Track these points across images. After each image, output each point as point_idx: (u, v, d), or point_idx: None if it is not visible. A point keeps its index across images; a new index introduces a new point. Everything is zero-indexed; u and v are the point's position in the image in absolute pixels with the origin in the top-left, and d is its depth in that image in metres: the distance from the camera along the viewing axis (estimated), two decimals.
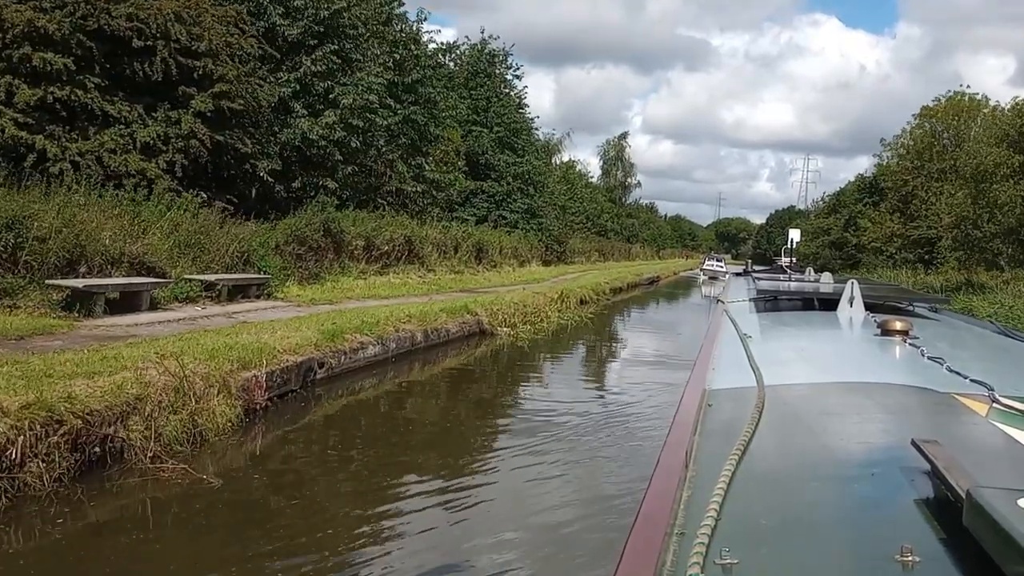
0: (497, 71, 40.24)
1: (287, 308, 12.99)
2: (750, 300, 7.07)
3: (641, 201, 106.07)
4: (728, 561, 1.45)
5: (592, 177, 78.32)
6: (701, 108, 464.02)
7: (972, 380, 3.06)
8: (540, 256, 39.25)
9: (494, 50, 40.18)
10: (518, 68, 41.59)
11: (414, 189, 24.21)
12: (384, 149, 23.33)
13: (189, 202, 15.37)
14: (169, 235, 13.29)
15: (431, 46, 37.38)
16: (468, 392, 11.28)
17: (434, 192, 26.05)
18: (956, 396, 2.88)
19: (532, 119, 43.66)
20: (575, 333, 18.47)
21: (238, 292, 13.36)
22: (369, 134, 21.93)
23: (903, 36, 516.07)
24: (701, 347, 4.49)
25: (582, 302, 24.69)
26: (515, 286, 24.23)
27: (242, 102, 19.68)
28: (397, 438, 8.21)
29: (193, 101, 18.55)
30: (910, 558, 1.44)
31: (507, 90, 40.61)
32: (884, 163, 55.50)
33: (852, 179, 67.78)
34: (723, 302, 6.95)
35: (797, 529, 1.73)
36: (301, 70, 21.15)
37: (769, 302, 6.87)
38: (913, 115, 49.80)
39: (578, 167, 70.56)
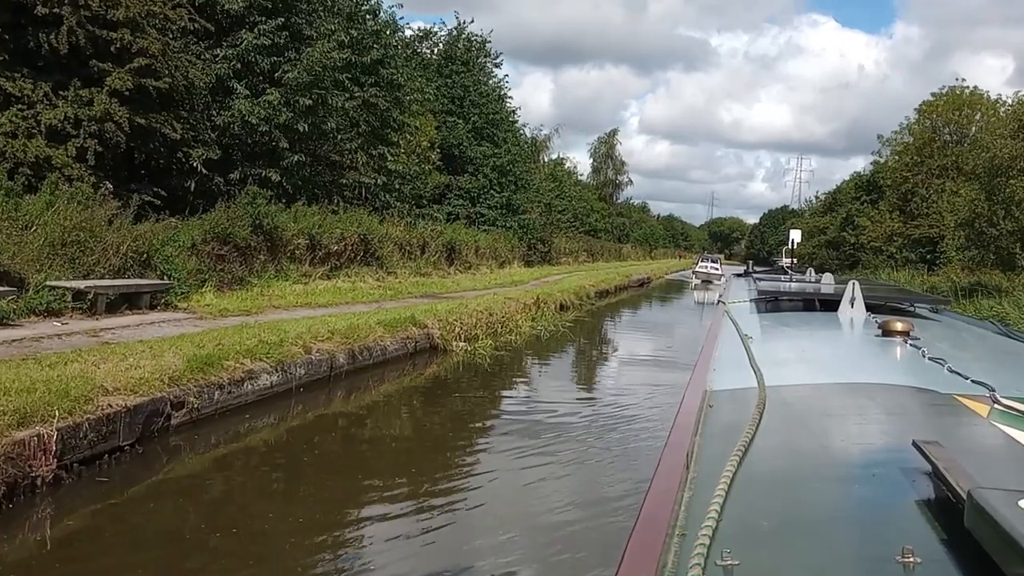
0: (476, 58, 37.71)
1: (183, 322, 10.47)
2: (751, 301, 6.92)
3: (633, 201, 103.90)
4: (729, 562, 1.43)
5: (582, 175, 75.87)
6: (699, 108, 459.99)
7: (973, 381, 3.02)
8: (522, 256, 36.71)
9: (472, 36, 37.68)
10: (497, 56, 39.03)
11: (374, 181, 21.59)
12: (340, 137, 20.78)
13: (84, 194, 12.83)
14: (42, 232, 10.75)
15: (407, 32, 34.93)
16: (388, 439, 8.70)
17: (398, 185, 23.46)
18: (957, 397, 2.84)
19: (513, 110, 41.13)
20: (548, 346, 15.95)
21: (124, 302, 10.83)
22: (320, 116, 19.38)
23: (901, 37, 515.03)
24: (702, 348, 4.36)
25: (562, 308, 22.22)
26: (488, 290, 21.76)
27: (169, 80, 17.18)
28: (265, 530, 5.67)
29: (109, 78, 16.09)
30: (911, 559, 1.42)
31: (485, 78, 38.08)
32: (883, 160, 53.60)
33: (848, 178, 65.89)
34: (724, 302, 6.75)
35: (798, 530, 1.73)
36: (242, 45, 18.59)
37: (770, 303, 6.70)
38: (915, 108, 47.89)
39: (567, 164, 68.00)
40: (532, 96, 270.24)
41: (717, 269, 50.91)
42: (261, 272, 14.99)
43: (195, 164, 17.94)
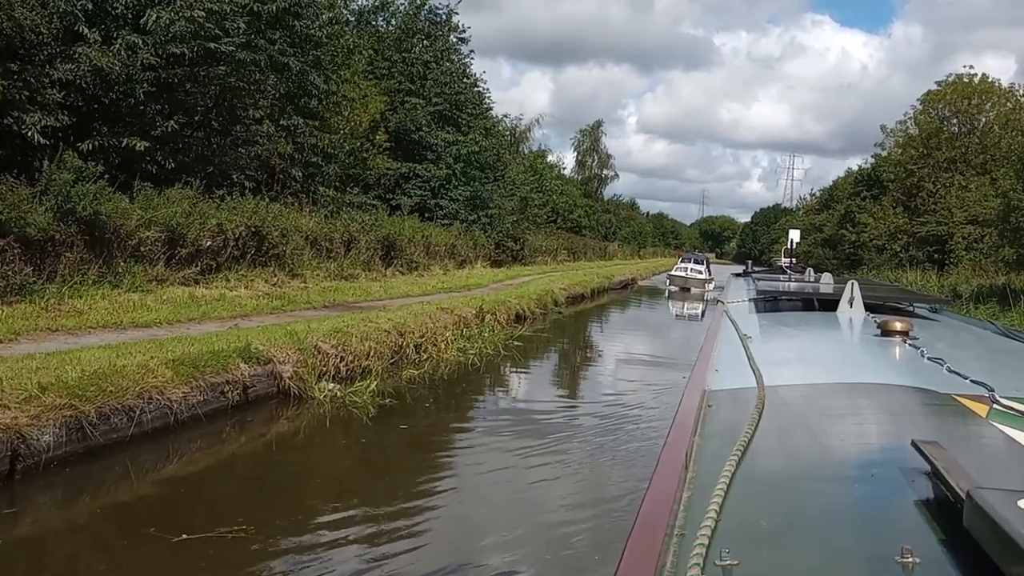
0: (439, 31, 33.33)
1: None
2: (750, 300, 6.90)
3: (623, 197, 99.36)
4: (728, 562, 1.42)
5: (565, 168, 71.32)
6: (697, 108, 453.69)
7: (972, 381, 3.03)
8: (489, 255, 32.28)
9: (436, 7, 33.29)
10: (464, 30, 34.60)
11: (284, 151, 17.08)
12: (237, 101, 16.42)
13: None
14: None
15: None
16: None
17: (315, 160, 18.93)
18: (956, 397, 2.85)
19: (482, 91, 36.72)
20: (473, 383, 11.50)
21: None
22: (205, 72, 15.03)
23: (902, 37, 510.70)
24: (701, 348, 4.38)
25: (518, 318, 17.93)
26: (428, 296, 17.50)
27: None
28: None
29: None
30: (910, 559, 1.41)
31: (450, 55, 33.70)
32: (886, 153, 50.07)
33: (844, 174, 62.01)
34: (723, 302, 6.72)
35: (797, 530, 1.72)
36: None
37: (769, 303, 6.68)
38: (918, 99, 44.41)
39: (549, 157, 63.50)
40: (532, 94, 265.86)
41: (701, 273, 37.64)
42: (71, 277, 10.62)
43: (29, 133, 13.58)
